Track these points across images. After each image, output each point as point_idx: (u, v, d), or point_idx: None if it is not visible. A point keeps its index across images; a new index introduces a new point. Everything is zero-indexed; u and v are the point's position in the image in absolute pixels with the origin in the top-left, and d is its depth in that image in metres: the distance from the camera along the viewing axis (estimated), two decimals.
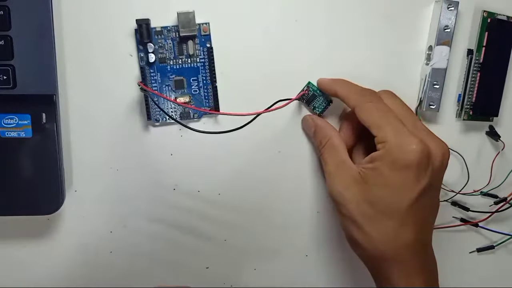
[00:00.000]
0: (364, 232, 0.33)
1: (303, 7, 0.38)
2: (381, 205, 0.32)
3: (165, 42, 0.37)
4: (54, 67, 0.36)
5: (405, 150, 0.32)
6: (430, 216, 0.35)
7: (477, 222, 0.42)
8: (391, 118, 0.33)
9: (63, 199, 0.37)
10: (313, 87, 0.39)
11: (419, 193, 0.32)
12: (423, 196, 0.32)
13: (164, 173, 0.39)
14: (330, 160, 0.36)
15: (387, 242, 0.32)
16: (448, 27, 0.38)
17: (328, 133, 0.37)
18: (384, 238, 0.32)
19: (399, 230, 0.32)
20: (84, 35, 0.37)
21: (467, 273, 0.44)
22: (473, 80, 0.40)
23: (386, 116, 0.33)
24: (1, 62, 0.35)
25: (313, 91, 0.39)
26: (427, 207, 0.34)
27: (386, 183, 0.32)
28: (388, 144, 0.32)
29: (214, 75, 0.38)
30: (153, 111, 0.38)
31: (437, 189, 0.35)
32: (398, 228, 0.32)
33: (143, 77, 0.37)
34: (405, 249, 0.32)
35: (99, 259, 0.40)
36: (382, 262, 0.33)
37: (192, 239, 0.40)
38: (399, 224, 0.32)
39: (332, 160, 0.36)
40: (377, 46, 0.39)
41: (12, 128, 0.36)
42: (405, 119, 0.34)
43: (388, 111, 0.34)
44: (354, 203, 0.33)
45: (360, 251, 0.34)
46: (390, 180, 0.32)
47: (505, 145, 0.41)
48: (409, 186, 0.32)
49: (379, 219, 0.32)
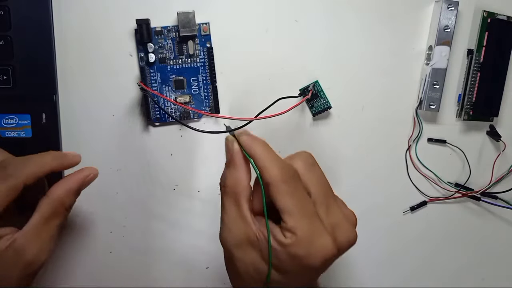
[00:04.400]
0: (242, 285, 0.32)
1: (303, 7, 0.38)
2: (270, 281, 0.31)
3: (165, 42, 0.37)
4: (54, 67, 0.36)
5: (313, 253, 0.29)
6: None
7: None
8: (306, 208, 0.30)
9: None
10: (318, 87, 0.39)
11: (308, 283, 0.31)
12: (311, 282, 0.32)
13: (164, 173, 0.39)
14: (229, 210, 0.32)
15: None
16: (448, 27, 0.38)
17: (239, 176, 0.32)
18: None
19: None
20: (84, 35, 0.37)
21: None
22: (473, 80, 0.40)
23: (300, 205, 0.30)
24: (1, 62, 0.35)
25: (318, 91, 0.39)
26: (311, 285, 0.33)
27: (281, 269, 0.30)
28: (296, 239, 0.29)
29: (214, 75, 0.38)
30: (153, 111, 0.38)
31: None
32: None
33: (143, 77, 0.37)
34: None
35: (99, 259, 0.40)
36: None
37: (192, 239, 0.40)
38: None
39: (231, 211, 0.32)
40: (377, 46, 0.39)
41: (12, 128, 0.36)
42: (319, 200, 0.31)
43: (304, 199, 0.30)
44: (243, 264, 0.31)
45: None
46: (287, 269, 0.30)
47: (506, 146, 0.41)
48: (303, 278, 0.31)
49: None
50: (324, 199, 0.32)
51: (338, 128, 0.40)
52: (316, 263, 0.29)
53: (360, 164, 0.41)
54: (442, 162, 0.42)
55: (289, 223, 0.30)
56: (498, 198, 0.42)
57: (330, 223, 0.31)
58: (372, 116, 0.40)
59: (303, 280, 0.31)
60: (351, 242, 0.31)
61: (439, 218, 0.43)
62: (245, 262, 0.31)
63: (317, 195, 0.31)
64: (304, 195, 0.31)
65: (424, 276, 0.44)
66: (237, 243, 0.31)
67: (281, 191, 0.30)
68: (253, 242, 0.31)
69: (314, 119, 0.40)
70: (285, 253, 0.30)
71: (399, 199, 0.42)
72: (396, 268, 0.43)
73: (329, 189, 0.33)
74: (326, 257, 0.30)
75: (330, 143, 0.40)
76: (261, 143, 0.32)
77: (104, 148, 0.38)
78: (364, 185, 0.41)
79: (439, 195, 0.42)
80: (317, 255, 0.29)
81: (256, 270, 0.31)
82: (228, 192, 0.32)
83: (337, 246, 0.30)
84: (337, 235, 0.31)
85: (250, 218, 0.31)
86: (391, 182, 0.42)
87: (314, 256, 0.29)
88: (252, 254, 0.31)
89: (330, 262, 0.30)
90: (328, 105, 0.39)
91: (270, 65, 0.39)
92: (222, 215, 0.32)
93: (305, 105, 0.40)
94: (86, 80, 0.38)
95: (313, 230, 0.30)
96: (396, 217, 0.42)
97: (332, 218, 0.31)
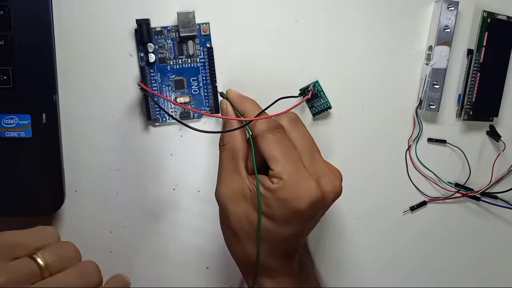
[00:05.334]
0: (243, 247, 0.33)
1: (303, 7, 0.38)
2: (261, 229, 0.32)
3: (165, 42, 0.37)
4: (54, 67, 0.36)
5: (299, 195, 0.31)
6: (303, 238, 0.36)
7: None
8: (291, 155, 0.32)
9: (63, 199, 0.37)
10: (318, 87, 0.39)
11: (298, 230, 0.33)
12: (301, 231, 0.33)
13: (164, 173, 0.39)
14: (226, 165, 0.34)
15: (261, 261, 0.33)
16: (448, 27, 0.38)
17: (233, 134, 0.35)
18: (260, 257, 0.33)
19: (269, 255, 0.33)
20: (84, 35, 0.37)
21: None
22: (473, 80, 0.40)
23: (286, 152, 0.32)
24: (1, 62, 0.35)
25: (318, 91, 0.39)
26: (301, 236, 0.35)
27: (270, 215, 0.32)
28: (283, 183, 0.31)
29: (214, 75, 0.38)
30: (153, 111, 0.38)
31: (317, 220, 0.35)
32: (268, 254, 0.33)
33: (143, 77, 0.37)
34: (277, 271, 0.34)
35: (99, 259, 0.40)
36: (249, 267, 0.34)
37: (192, 239, 0.40)
38: (269, 251, 0.33)
39: (227, 165, 0.34)
40: (377, 46, 0.39)
41: (12, 128, 0.36)
42: (304, 153, 0.33)
43: (289, 146, 0.33)
44: (236, 217, 0.33)
45: (237, 261, 0.35)
46: (275, 214, 0.32)
47: (506, 146, 0.41)
48: (291, 225, 0.32)
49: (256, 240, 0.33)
50: (309, 152, 0.34)
51: (338, 128, 0.40)
52: (302, 205, 0.31)
53: (360, 164, 0.41)
54: (442, 162, 0.42)
55: (276, 169, 0.32)
56: (498, 198, 0.42)
57: (315, 172, 0.33)
58: (372, 116, 0.40)
59: (293, 227, 0.32)
60: (336, 190, 0.33)
61: (439, 218, 0.43)
62: (238, 215, 0.33)
63: (301, 148, 0.34)
64: (289, 144, 0.33)
65: (424, 276, 0.44)
66: (232, 197, 0.33)
67: (267, 140, 0.33)
68: (245, 195, 0.33)
69: (314, 119, 0.40)
70: (273, 198, 0.31)
71: (399, 199, 0.42)
72: (396, 268, 0.43)
73: (313, 145, 0.35)
74: (312, 199, 0.31)
75: (330, 143, 0.40)
76: (250, 101, 0.36)
77: (104, 148, 0.38)
78: (364, 185, 0.41)
79: (439, 195, 0.42)
80: (303, 197, 0.31)
81: (249, 221, 0.33)
82: (225, 150, 0.35)
83: (322, 190, 0.32)
84: (322, 182, 0.32)
85: (244, 173, 0.34)
86: (391, 182, 0.42)
87: (300, 198, 0.31)
88: (245, 206, 0.33)
89: (316, 207, 0.32)
90: (328, 105, 0.39)
91: (270, 65, 0.39)
92: (219, 171, 0.35)
93: (305, 105, 0.40)
94: (86, 80, 0.38)
95: (298, 174, 0.32)
96: (396, 217, 0.42)
97: (317, 168, 0.33)
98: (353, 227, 0.42)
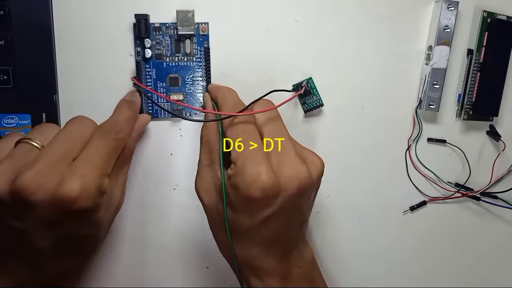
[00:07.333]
0: (220, 238, 0.33)
1: (303, 7, 0.38)
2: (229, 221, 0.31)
3: (163, 38, 0.37)
4: (54, 67, 0.36)
5: (250, 181, 0.29)
6: (285, 232, 0.32)
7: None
8: (249, 139, 0.30)
9: None
10: (312, 83, 0.39)
11: (261, 220, 0.30)
12: (268, 221, 0.30)
13: (164, 173, 0.39)
14: (202, 157, 0.34)
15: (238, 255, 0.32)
16: (448, 27, 0.38)
17: (211, 125, 0.34)
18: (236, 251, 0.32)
19: (248, 248, 0.31)
20: (84, 35, 0.37)
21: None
22: (473, 80, 0.40)
23: (243, 136, 0.31)
24: (1, 62, 0.35)
25: (311, 88, 0.39)
26: (278, 227, 0.31)
27: (229, 203, 0.31)
28: (236, 168, 0.29)
29: (209, 75, 0.38)
30: (145, 106, 0.38)
31: (294, 210, 0.32)
32: (247, 247, 0.31)
33: (138, 72, 0.37)
34: (258, 261, 0.31)
35: (99, 259, 0.40)
36: (240, 266, 0.32)
37: (192, 238, 0.40)
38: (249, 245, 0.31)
39: (203, 158, 0.34)
40: (377, 46, 0.39)
41: (12, 128, 0.36)
42: (269, 136, 0.32)
43: (249, 132, 0.31)
44: (209, 208, 0.33)
45: (225, 257, 0.35)
46: (233, 202, 0.30)
47: (506, 145, 0.41)
48: (249, 213, 0.30)
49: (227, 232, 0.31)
50: (278, 138, 0.31)
51: (338, 128, 0.40)
52: (255, 193, 0.28)
53: (360, 164, 0.41)
54: (442, 162, 0.42)
55: (233, 154, 0.30)
56: (498, 198, 0.42)
57: (277, 160, 0.30)
58: (371, 116, 0.40)
59: (252, 218, 0.30)
60: (299, 178, 0.30)
61: (439, 218, 0.43)
62: (211, 207, 0.32)
63: (271, 136, 0.32)
64: (250, 129, 0.32)
65: (424, 276, 0.44)
66: (206, 189, 0.33)
67: (229, 123, 0.32)
68: (216, 188, 0.32)
69: (305, 116, 0.40)
70: (230, 185, 0.30)
71: (399, 199, 0.42)
72: (396, 268, 0.43)
73: (283, 131, 0.33)
74: (262, 186, 0.28)
75: (329, 143, 0.40)
76: (225, 89, 0.36)
77: None
78: (364, 185, 0.41)
79: (439, 195, 0.42)
80: (254, 184, 0.28)
81: (219, 213, 0.31)
82: (203, 142, 0.34)
83: (277, 176, 0.29)
84: (283, 169, 0.30)
85: (218, 165, 0.32)
86: (391, 182, 0.42)
87: (251, 185, 0.28)
88: (216, 197, 0.32)
89: (270, 195, 0.29)
90: (321, 102, 0.39)
91: (270, 65, 0.39)
92: (198, 165, 0.34)
93: (297, 102, 0.39)
94: (86, 80, 0.38)
95: (252, 159, 0.29)
96: (396, 217, 0.42)
97: (282, 156, 0.31)
98: (353, 227, 0.42)
